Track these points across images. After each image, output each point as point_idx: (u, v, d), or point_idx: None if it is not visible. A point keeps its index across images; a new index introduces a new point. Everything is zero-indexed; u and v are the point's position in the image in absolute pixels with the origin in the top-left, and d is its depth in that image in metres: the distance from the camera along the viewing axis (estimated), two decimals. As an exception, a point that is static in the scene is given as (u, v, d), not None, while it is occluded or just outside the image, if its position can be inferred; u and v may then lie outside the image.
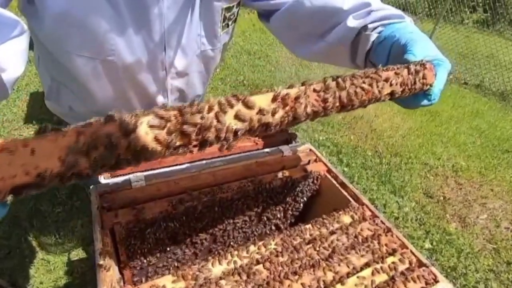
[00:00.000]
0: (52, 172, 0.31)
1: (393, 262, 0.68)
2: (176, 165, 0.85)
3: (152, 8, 0.68)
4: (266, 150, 0.93)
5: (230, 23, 0.84)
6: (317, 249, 0.68)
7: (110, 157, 0.34)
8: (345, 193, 0.86)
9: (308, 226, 0.74)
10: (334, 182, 0.90)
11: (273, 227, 0.93)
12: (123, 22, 0.68)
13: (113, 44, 0.69)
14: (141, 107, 0.86)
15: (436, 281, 0.66)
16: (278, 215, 0.92)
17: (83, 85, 0.78)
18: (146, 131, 0.35)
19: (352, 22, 0.71)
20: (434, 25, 5.11)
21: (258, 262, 0.64)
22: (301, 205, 0.94)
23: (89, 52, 0.71)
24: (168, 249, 0.79)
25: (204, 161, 0.87)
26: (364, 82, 0.53)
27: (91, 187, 0.75)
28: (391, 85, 0.55)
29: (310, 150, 0.97)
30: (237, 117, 0.42)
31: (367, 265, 0.67)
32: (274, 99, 0.45)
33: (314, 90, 0.49)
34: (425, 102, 0.64)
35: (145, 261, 0.77)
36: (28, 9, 0.67)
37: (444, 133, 3.40)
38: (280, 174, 0.88)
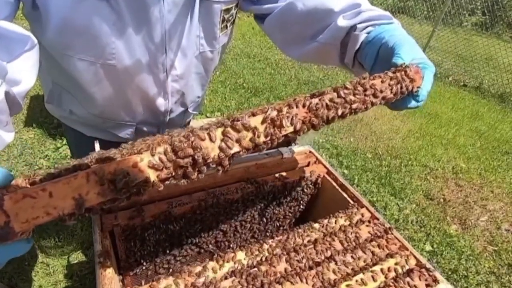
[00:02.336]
0: (68, 210, 0.37)
1: (392, 264, 0.68)
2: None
3: (153, 11, 0.68)
4: (266, 152, 0.93)
5: (228, 24, 0.85)
6: (317, 251, 0.68)
7: (116, 193, 0.39)
8: (345, 195, 0.86)
9: (308, 228, 0.74)
10: (334, 184, 0.90)
11: (273, 229, 0.93)
12: (124, 26, 0.68)
13: (114, 48, 0.70)
14: (142, 110, 0.87)
15: (436, 282, 0.66)
16: (278, 217, 0.92)
17: (84, 89, 0.78)
18: (147, 169, 0.40)
19: (342, 21, 0.72)
20: (433, 27, 5.13)
21: (258, 264, 0.64)
22: (301, 207, 0.94)
23: (91, 56, 0.71)
24: (167, 251, 0.79)
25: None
26: (352, 94, 0.55)
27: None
28: (381, 91, 0.57)
29: (310, 152, 0.97)
30: (226, 140, 0.45)
31: (366, 266, 0.67)
32: (263, 121, 0.47)
33: (303, 106, 0.51)
34: (412, 103, 0.65)
35: (144, 263, 0.76)
36: (32, 14, 0.68)
37: (443, 135, 3.41)
38: (279, 176, 0.88)
